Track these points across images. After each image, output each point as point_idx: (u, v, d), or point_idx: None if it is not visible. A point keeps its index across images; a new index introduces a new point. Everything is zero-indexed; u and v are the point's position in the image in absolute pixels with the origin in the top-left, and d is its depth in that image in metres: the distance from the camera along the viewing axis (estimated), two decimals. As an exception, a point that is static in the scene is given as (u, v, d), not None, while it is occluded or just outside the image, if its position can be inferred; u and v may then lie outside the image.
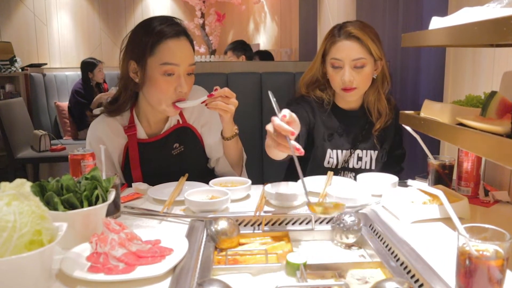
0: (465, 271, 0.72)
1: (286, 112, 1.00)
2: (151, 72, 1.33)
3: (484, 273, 0.70)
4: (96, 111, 1.97)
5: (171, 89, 1.33)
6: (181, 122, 1.51)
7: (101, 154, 1.23)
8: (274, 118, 0.99)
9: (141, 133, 1.46)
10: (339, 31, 1.50)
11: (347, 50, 1.47)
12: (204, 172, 1.57)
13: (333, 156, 1.58)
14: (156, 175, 1.45)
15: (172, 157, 1.49)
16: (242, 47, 3.99)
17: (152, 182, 1.43)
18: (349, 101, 1.60)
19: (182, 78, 1.33)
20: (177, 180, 1.41)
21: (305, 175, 1.44)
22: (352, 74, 1.48)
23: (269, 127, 1.05)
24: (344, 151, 1.59)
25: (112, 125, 1.45)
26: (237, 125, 1.44)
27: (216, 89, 1.26)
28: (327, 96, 1.59)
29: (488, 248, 0.71)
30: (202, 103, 1.31)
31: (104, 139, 1.44)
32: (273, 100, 1.09)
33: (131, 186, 1.40)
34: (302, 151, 0.99)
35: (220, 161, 1.54)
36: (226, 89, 1.26)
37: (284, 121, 0.98)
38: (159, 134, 1.48)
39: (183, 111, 1.51)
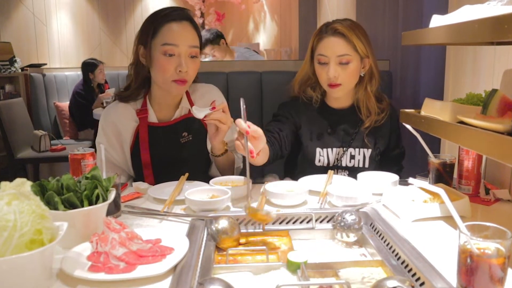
0: (467, 269, 0.71)
1: (253, 126, 1.12)
2: (154, 53, 1.40)
3: (486, 271, 0.69)
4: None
5: (171, 68, 1.38)
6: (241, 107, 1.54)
7: (101, 153, 1.22)
8: (238, 119, 1.11)
9: (152, 117, 1.50)
10: (326, 28, 1.52)
11: (333, 46, 1.49)
12: (208, 164, 1.59)
13: (323, 154, 1.59)
14: (164, 160, 1.49)
15: (180, 145, 1.52)
16: (216, 35, 3.66)
17: (160, 167, 1.47)
18: (339, 100, 1.61)
19: (183, 58, 1.38)
20: (183, 168, 1.45)
21: (297, 175, 1.48)
22: (337, 70, 1.49)
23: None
24: (335, 149, 1.60)
25: (125, 109, 1.50)
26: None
27: (213, 103, 1.32)
28: (317, 94, 1.60)
29: (489, 246, 0.70)
30: (204, 117, 1.33)
31: (117, 123, 1.49)
32: (242, 108, 1.15)
33: (139, 171, 1.46)
34: (254, 156, 1.12)
35: (213, 165, 1.58)
36: (224, 102, 1.33)
37: (250, 129, 1.09)
38: (170, 120, 1.52)
39: (194, 102, 1.56)
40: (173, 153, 1.51)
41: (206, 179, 1.41)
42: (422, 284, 0.80)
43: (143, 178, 1.50)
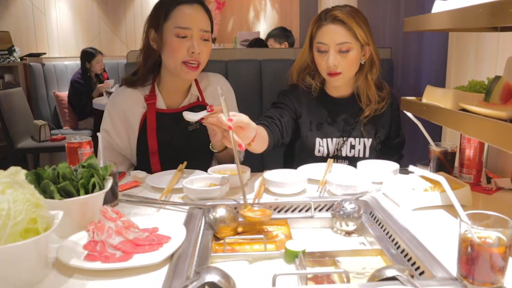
0: (467, 258, 0.70)
1: (237, 116, 1.09)
2: (166, 35, 1.39)
3: (486, 261, 0.68)
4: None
5: (183, 49, 1.37)
6: (200, 99, 1.55)
7: (100, 142, 1.21)
8: (218, 116, 1.09)
9: (161, 103, 1.50)
10: (325, 15, 1.48)
11: (332, 34, 1.45)
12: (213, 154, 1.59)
13: (323, 144, 1.57)
14: (171, 147, 1.49)
15: (187, 132, 1.52)
16: (284, 34, 3.90)
17: (167, 154, 1.48)
18: (339, 88, 1.58)
19: (195, 40, 1.38)
20: (190, 156, 1.46)
21: (296, 165, 1.46)
22: (337, 58, 1.45)
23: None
24: (335, 139, 1.57)
25: (132, 94, 1.50)
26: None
27: (212, 106, 1.29)
28: (316, 82, 1.57)
29: (490, 235, 0.69)
30: (201, 119, 1.30)
31: (125, 108, 1.49)
32: (221, 99, 1.12)
33: (143, 159, 1.47)
34: (243, 147, 1.10)
35: (213, 161, 1.60)
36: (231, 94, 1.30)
37: (232, 123, 1.07)
38: (178, 107, 1.52)
39: (202, 90, 1.56)
40: (180, 140, 1.50)
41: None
42: (422, 273, 0.79)
43: (146, 166, 1.49)
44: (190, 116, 1.29)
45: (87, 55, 4.52)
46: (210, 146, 1.48)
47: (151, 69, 1.49)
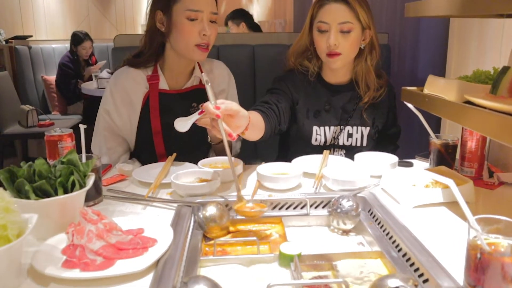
0: (476, 266, 0.65)
1: (225, 104, 1.02)
2: (176, 18, 1.37)
3: (497, 270, 0.63)
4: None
5: (195, 32, 1.36)
6: (203, 82, 1.49)
7: (82, 135, 1.13)
8: (205, 104, 1.01)
9: (163, 84, 1.48)
10: None
11: (334, 13, 1.41)
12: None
13: (320, 133, 1.52)
14: (173, 128, 1.42)
15: (190, 113, 1.45)
16: (241, 14, 3.87)
17: (169, 134, 1.44)
18: (337, 74, 1.53)
19: (205, 22, 1.37)
20: (192, 138, 1.42)
21: (291, 154, 1.42)
22: (338, 38, 1.41)
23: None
24: (333, 127, 1.52)
25: (135, 74, 1.47)
26: None
27: (203, 106, 1.22)
28: (313, 66, 1.52)
29: (502, 243, 0.64)
30: (196, 121, 1.25)
31: (127, 88, 1.46)
32: (207, 86, 1.06)
33: (144, 140, 1.44)
34: (234, 137, 1.01)
35: (210, 152, 1.57)
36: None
37: (219, 111, 1.00)
38: (181, 89, 1.50)
39: (204, 74, 1.51)
40: None
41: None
42: (426, 281, 0.73)
43: (145, 148, 1.46)
44: (182, 124, 1.24)
45: (75, 39, 4.39)
46: (208, 139, 1.43)
47: (156, 51, 1.46)
